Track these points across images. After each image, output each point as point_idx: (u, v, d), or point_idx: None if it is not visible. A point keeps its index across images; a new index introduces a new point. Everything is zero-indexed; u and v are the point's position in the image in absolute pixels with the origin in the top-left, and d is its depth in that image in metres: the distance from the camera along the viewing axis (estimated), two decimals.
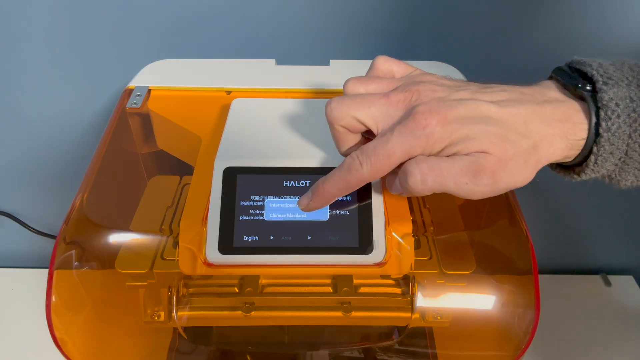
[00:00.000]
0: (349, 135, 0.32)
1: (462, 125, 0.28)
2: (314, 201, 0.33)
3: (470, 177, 0.28)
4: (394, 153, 0.29)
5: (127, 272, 0.37)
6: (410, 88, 0.30)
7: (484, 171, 0.28)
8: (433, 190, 0.29)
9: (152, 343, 0.45)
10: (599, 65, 0.30)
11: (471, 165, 0.28)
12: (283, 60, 0.51)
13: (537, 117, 0.29)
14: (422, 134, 0.28)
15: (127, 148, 0.48)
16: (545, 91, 0.31)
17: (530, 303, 0.36)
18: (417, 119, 0.28)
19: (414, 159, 0.29)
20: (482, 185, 0.28)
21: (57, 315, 0.35)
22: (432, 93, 0.30)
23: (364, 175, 0.30)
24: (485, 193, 0.29)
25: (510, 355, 0.37)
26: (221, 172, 0.35)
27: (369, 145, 0.30)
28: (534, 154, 0.29)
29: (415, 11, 0.55)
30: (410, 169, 0.28)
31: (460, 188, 0.28)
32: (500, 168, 0.28)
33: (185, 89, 0.47)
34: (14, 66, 0.57)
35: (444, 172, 0.28)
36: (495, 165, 0.28)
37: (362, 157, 0.29)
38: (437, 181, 0.28)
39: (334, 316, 0.39)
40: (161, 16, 0.54)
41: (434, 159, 0.29)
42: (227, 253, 0.34)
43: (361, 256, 0.33)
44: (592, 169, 0.30)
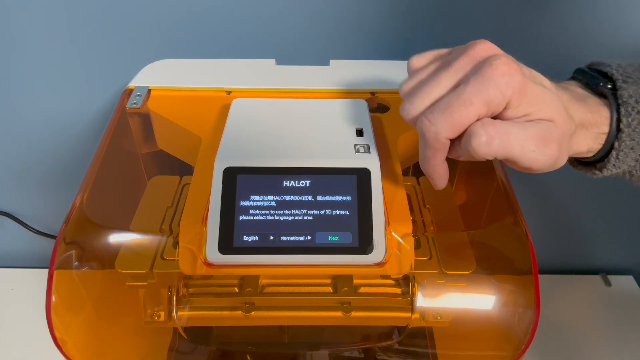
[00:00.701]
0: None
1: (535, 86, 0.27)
2: (433, 179, 0.31)
3: (539, 145, 0.27)
4: (472, 102, 0.27)
5: (127, 272, 0.37)
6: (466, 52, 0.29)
7: (553, 140, 0.27)
8: (497, 155, 0.27)
9: (152, 343, 0.45)
10: (617, 65, 0.31)
11: (543, 132, 0.27)
12: (283, 60, 0.51)
13: (573, 105, 0.30)
14: (502, 81, 0.27)
15: (127, 148, 0.48)
16: (572, 87, 0.32)
17: (530, 303, 0.36)
18: (495, 65, 0.27)
19: (480, 122, 0.27)
20: (547, 155, 0.27)
21: (57, 315, 0.35)
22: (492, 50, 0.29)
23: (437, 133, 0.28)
24: (546, 165, 0.28)
25: (510, 355, 0.37)
26: (221, 172, 0.35)
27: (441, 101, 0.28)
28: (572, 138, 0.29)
29: (415, 11, 0.55)
30: (475, 130, 0.27)
31: (526, 155, 0.27)
32: (563, 140, 0.28)
33: (185, 89, 0.47)
34: (14, 66, 0.57)
35: (512, 137, 0.27)
36: (560, 136, 0.28)
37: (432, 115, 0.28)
38: (503, 146, 0.27)
39: (334, 316, 0.39)
40: (161, 16, 0.54)
41: (502, 123, 0.27)
42: (227, 253, 0.34)
43: (361, 256, 0.33)
44: (613, 164, 0.30)
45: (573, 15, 0.55)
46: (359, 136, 0.38)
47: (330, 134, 0.38)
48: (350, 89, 0.47)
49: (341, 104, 0.43)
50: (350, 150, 0.37)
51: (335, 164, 0.36)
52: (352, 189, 0.35)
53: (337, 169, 0.35)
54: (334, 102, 0.43)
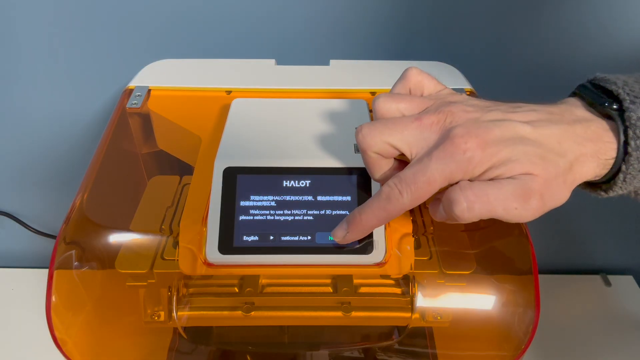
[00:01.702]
0: (382, 161, 0.31)
1: (502, 147, 0.27)
2: (351, 232, 0.32)
3: (520, 201, 0.27)
4: (435, 179, 0.28)
5: (127, 272, 0.37)
6: (443, 109, 0.29)
7: (533, 193, 0.27)
8: (480, 217, 0.28)
9: (152, 343, 0.45)
10: (624, 83, 0.30)
11: (519, 188, 0.27)
12: (283, 60, 0.51)
13: (570, 137, 0.29)
14: (462, 158, 0.27)
15: (127, 148, 0.48)
16: (572, 110, 0.31)
17: (530, 303, 0.36)
18: (455, 142, 0.27)
19: (457, 186, 0.28)
20: (531, 208, 0.27)
21: (57, 315, 0.35)
22: (465, 114, 0.29)
23: (404, 204, 0.29)
24: (533, 216, 0.28)
25: (510, 355, 0.37)
26: (221, 172, 0.35)
27: (406, 172, 0.29)
28: (570, 173, 0.28)
29: (415, 11, 0.55)
30: (455, 197, 0.27)
31: (510, 213, 0.27)
32: (547, 189, 0.28)
33: (185, 89, 0.47)
34: (14, 66, 0.57)
35: (491, 198, 0.27)
36: (542, 186, 0.27)
37: (402, 186, 0.28)
38: (485, 208, 0.27)
39: (334, 316, 0.39)
40: (161, 16, 0.54)
41: (479, 185, 0.28)
42: (227, 253, 0.34)
43: (361, 256, 0.33)
44: (620, 186, 0.30)
45: (573, 16, 0.55)
46: None
47: (330, 134, 0.38)
48: (350, 89, 0.47)
49: (341, 104, 0.43)
50: (350, 150, 0.37)
51: (335, 164, 0.36)
52: (352, 189, 0.35)
53: (337, 169, 0.35)
54: (334, 102, 0.43)
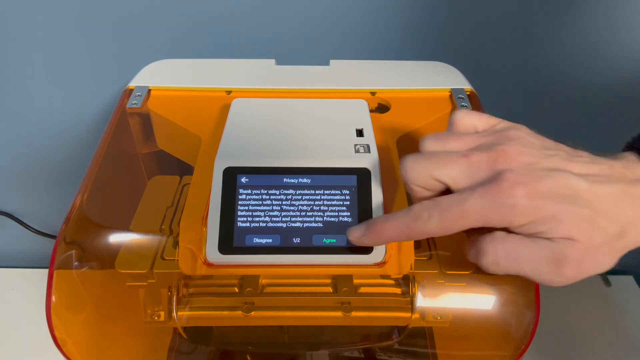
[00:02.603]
0: (426, 193, 0.29)
1: (550, 202, 0.25)
2: (368, 237, 0.31)
3: (552, 267, 0.26)
4: (469, 216, 0.26)
5: (127, 272, 0.37)
6: (496, 148, 0.28)
7: (569, 261, 0.26)
8: (508, 273, 0.27)
9: (152, 343, 0.45)
10: None
11: (555, 254, 0.26)
12: (283, 60, 0.51)
13: (629, 199, 0.27)
14: (504, 203, 0.25)
15: (127, 148, 0.48)
16: (633, 167, 0.28)
17: (530, 303, 0.36)
18: (502, 186, 0.26)
19: (490, 236, 0.27)
20: (563, 275, 0.26)
21: (57, 315, 0.35)
22: (519, 157, 0.27)
23: (429, 229, 0.27)
24: (565, 282, 0.27)
25: (510, 355, 0.37)
26: (221, 172, 0.35)
27: (443, 199, 0.27)
28: (620, 240, 0.27)
29: (415, 11, 0.55)
30: (484, 247, 0.26)
31: (538, 276, 0.26)
32: (586, 257, 0.26)
33: (185, 89, 0.47)
34: (14, 66, 0.57)
35: (521, 258, 0.26)
36: (581, 254, 0.26)
37: (433, 210, 0.27)
38: (513, 266, 0.26)
39: (334, 316, 0.39)
40: (161, 16, 0.54)
41: (513, 240, 0.26)
42: (227, 253, 0.33)
43: (361, 256, 0.33)
44: None
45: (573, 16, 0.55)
46: (359, 136, 0.38)
47: (330, 134, 0.38)
48: (350, 89, 0.47)
49: (341, 104, 0.43)
50: (350, 150, 0.37)
51: (335, 164, 0.36)
52: (352, 189, 0.35)
53: (337, 169, 0.35)
54: (334, 102, 0.43)
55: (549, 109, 0.63)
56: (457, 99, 0.46)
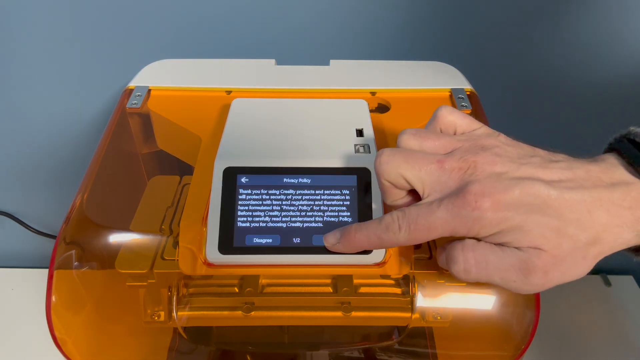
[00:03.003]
0: (395, 190, 0.30)
1: (515, 213, 0.25)
2: (341, 244, 0.32)
3: (519, 276, 0.26)
4: (436, 227, 0.27)
5: (127, 272, 0.37)
6: (467, 157, 0.28)
7: (536, 270, 0.26)
8: (478, 281, 0.27)
9: (152, 343, 0.45)
10: None
11: (522, 263, 0.26)
12: (283, 60, 0.51)
13: (603, 206, 0.26)
14: (469, 215, 0.26)
15: (127, 148, 0.48)
16: (611, 170, 0.27)
17: (530, 303, 0.36)
18: (467, 199, 0.26)
19: (460, 244, 0.27)
20: (531, 284, 0.26)
21: (57, 315, 0.35)
22: (490, 167, 0.27)
23: (399, 240, 0.28)
24: (534, 291, 0.27)
25: (510, 355, 0.37)
26: (221, 172, 0.35)
27: (412, 210, 0.28)
28: (594, 247, 0.26)
29: (415, 11, 0.55)
30: (455, 255, 0.27)
31: (507, 285, 0.27)
32: (554, 266, 0.26)
33: (185, 89, 0.47)
34: (14, 66, 0.57)
35: (490, 266, 0.26)
36: (548, 263, 0.26)
37: (402, 222, 0.28)
38: (483, 274, 0.27)
39: (334, 316, 0.39)
40: (161, 16, 0.54)
41: (482, 249, 0.27)
42: (227, 253, 0.33)
43: (361, 256, 0.33)
44: None
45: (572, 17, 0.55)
46: (359, 136, 0.38)
47: (330, 134, 0.38)
48: (350, 89, 0.47)
49: (341, 104, 0.43)
50: (350, 150, 0.37)
51: (335, 164, 0.36)
52: (352, 189, 0.35)
53: (337, 169, 0.35)
54: (334, 102, 0.43)
55: (549, 109, 0.63)
56: (457, 99, 0.46)
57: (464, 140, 0.29)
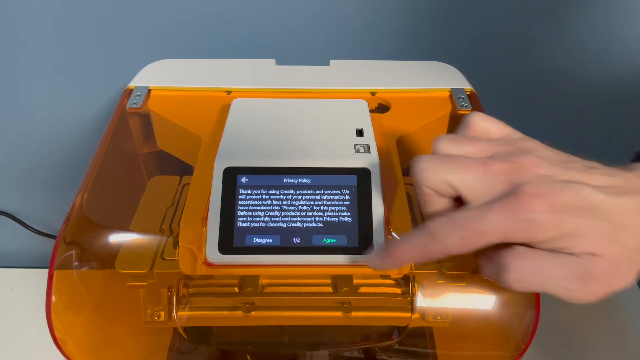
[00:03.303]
0: (437, 198, 0.28)
1: (571, 216, 0.24)
2: (385, 262, 0.29)
3: (578, 284, 0.25)
4: (489, 232, 0.25)
5: (127, 272, 0.37)
6: (513, 159, 0.26)
7: (595, 278, 0.25)
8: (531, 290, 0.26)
9: (152, 343, 0.45)
10: None
11: (580, 270, 0.25)
12: (283, 60, 0.51)
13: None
14: (525, 218, 0.24)
15: (127, 148, 0.48)
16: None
17: (530, 303, 0.36)
18: (522, 200, 0.24)
19: (512, 251, 0.25)
20: (589, 293, 0.25)
21: (57, 315, 0.35)
22: (537, 169, 0.26)
23: (448, 248, 0.26)
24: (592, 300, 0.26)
25: (510, 355, 0.37)
26: (221, 172, 0.35)
27: (460, 214, 0.26)
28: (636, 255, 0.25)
29: (415, 11, 0.55)
30: (507, 263, 0.25)
31: (563, 293, 0.25)
32: (612, 273, 0.25)
33: (185, 89, 0.47)
34: (14, 66, 0.57)
35: (546, 274, 0.25)
36: (606, 270, 0.25)
37: (451, 227, 0.26)
38: (537, 282, 0.25)
39: (334, 316, 0.39)
40: (161, 16, 0.54)
41: (537, 256, 0.25)
42: (227, 253, 0.33)
43: (361, 256, 0.33)
44: None
45: (572, 17, 0.55)
46: (359, 136, 0.38)
47: (330, 134, 0.38)
48: (350, 89, 0.47)
49: (341, 104, 0.43)
50: (350, 150, 0.37)
51: (335, 164, 0.36)
52: (352, 189, 0.35)
53: (337, 169, 0.35)
54: (334, 102, 0.43)
55: (549, 109, 0.62)
56: (457, 99, 0.46)
57: (503, 144, 0.28)
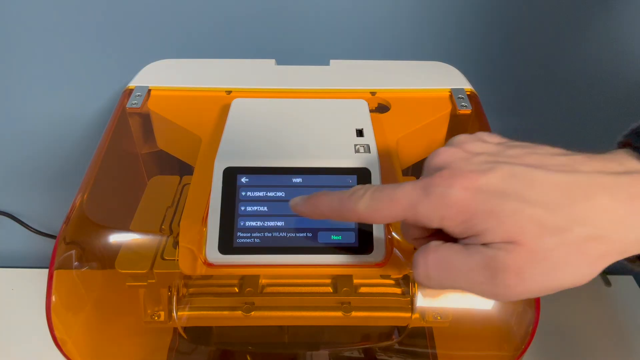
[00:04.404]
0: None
1: (488, 195, 0.22)
2: (303, 206, 0.28)
3: (487, 276, 0.22)
4: (398, 200, 0.23)
5: (127, 272, 0.37)
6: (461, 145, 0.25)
7: (504, 269, 0.21)
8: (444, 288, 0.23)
9: (152, 343, 0.45)
10: None
11: (490, 260, 0.21)
12: (283, 60, 0.51)
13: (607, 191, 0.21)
14: (435, 192, 0.22)
15: (127, 148, 0.48)
16: (620, 160, 0.23)
17: (530, 303, 0.36)
18: (440, 174, 0.23)
19: (423, 247, 0.24)
20: (504, 286, 0.21)
21: (57, 315, 0.35)
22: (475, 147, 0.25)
23: (358, 209, 0.25)
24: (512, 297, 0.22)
25: (510, 355, 0.37)
26: (221, 172, 0.35)
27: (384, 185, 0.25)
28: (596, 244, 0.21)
29: (415, 11, 0.55)
30: (415, 259, 0.24)
31: (475, 289, 0.22)
32: (532, 264, 0.21)
33: (185, 89, 0.47)
34: (14, 66, 0.57)
35: (454, 269, 0.23)
36: (523, 261, 0.21)
37: (368, 190, 0.25)
38: (445, 277, 0.23)
39: (334, 316, 0.39)
40: (161, 16, 0.54)
41: (445, 249, 0.23)
42: (227, 253, 0.33)
43: (361, 256, 0.33)
44: None
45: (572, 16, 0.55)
46: (359, 136, 0.38)
47: (330, 134, 0.38)
48: (350, 89, 0.47)
49: (341, 104, 0.43)
50: (350, 150, 0.37)
51: (335, 164, 0.36)
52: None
53: (337, 169, 0.35)
54: (334, 102, 0.43)
55: (548, 109, 0.62)
56: (457, 99, 0.46)
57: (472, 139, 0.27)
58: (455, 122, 0.46)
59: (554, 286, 0.22)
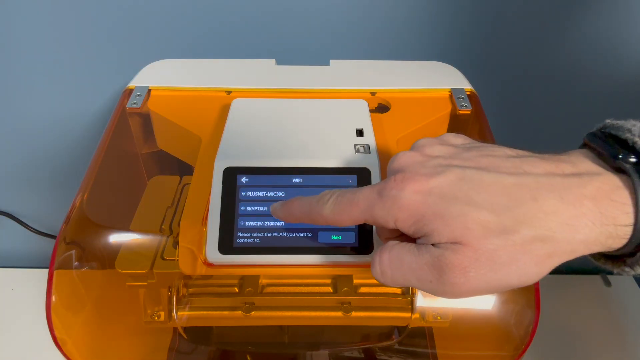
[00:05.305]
0: None
1: (437, 198, 0.23)
2: (280, 210, 0.30)
3: (434, 275, 0.23)
4: (357, 204, 0.25)
5: (127, 272, 0.37)
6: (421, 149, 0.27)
7: (451, 267, 0.22)
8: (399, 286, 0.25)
9: (152, 343, 0.45)
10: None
11: (436, 259, 0.23)
12: (283, 60, 0.51)
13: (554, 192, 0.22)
14: (389, 195, 0.24)
15: (127, 148, 0.48)
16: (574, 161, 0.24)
17: (530, 303, 0.36)
18: (395, 179, 0.24)
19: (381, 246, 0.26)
20: (450, 284, 0.23)
21: (57, 315, 0.35)
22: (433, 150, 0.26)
23: (324, 212, 0.27)
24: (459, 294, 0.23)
25: (510, 355, 0.37)
26: (221, 172, 0.35)
27: (347, 189, 0.27)
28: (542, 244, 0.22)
29: (415, 11, 0.55)
30: (373, 257, 0.25)
31: (425, 286, 0.24)
32: (477, 263, 0.22)
33: (185, 89, 0.47)
34: (14, 66, 0.57)
35: (405, 266, 0.24)
36: (468, 260, 0.22)
37: (333, 194, 0.27)
38: (398, 275, 0.25)
39: (334, 316, 0.39)
40: (161, 16, 0.54)
41: (399, 248, 0.25)
42: (227, 253, 0.33)
43: (361, 256, 0.33)
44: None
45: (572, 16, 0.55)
46: (359, 136, 0.38)
47: (330, 134, 0.38)
48: (350, 89, 0.47)
49: (341, 104, 0.43)
50: (350, 150, 0.37)
51: (335, 164, 0.36)
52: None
53: (337, 169, 0.35)
54: (334, 102, 0.43)
55: (549, 109, 0.62)
56: (457, 98, 0.46)
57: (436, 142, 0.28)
58: (455, 122, 0.46)
59: (501, 285, 0.23)
